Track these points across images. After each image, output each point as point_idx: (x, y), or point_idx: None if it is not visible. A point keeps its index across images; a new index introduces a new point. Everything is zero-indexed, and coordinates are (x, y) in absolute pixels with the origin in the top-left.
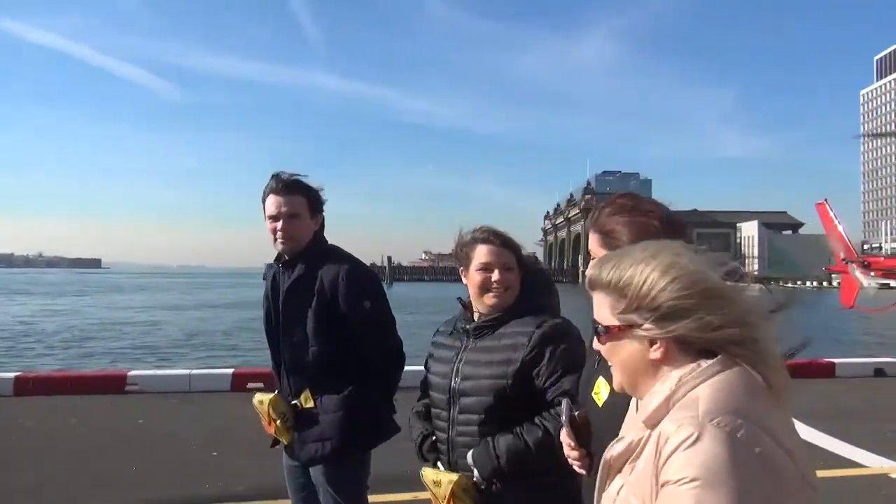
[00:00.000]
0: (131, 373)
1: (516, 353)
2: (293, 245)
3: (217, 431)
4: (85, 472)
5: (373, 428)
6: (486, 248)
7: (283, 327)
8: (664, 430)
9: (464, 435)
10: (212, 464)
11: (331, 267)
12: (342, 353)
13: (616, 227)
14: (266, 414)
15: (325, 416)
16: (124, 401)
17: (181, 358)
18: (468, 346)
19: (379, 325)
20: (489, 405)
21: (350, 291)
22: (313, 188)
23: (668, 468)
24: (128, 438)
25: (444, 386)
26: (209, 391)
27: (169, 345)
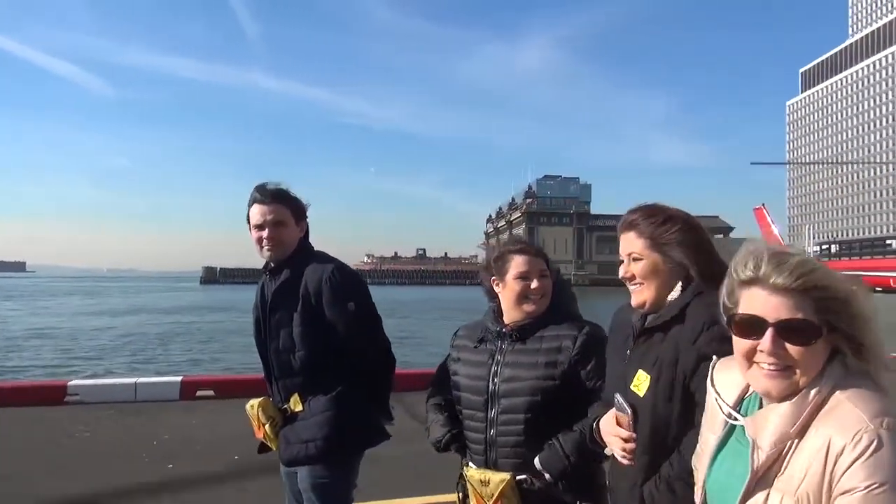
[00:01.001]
0: (71, 382)
1: (561, 355)
2: (279, 252)
3: (169, 442)
4: (28, 490)
5: (362, 430)
6: (522, 258)
7: (271, 333)
8: (835, 441)
9: (507, 434)
10: (168, 477)
11: (314, 270)
12: (329, 356)
13: (666, 231)
14: (256, 418)
15: (312, 418)
16: (65, 412)
17: (121, 366)
18: (505, 348)
19: (365, 327)
20: (536, 404)
21: (334, 294)
22: (296, 197)
23: (850, 477)
24: (74, 452)
25: (481, 388)
26: (157, 400)
27: (107, 352)
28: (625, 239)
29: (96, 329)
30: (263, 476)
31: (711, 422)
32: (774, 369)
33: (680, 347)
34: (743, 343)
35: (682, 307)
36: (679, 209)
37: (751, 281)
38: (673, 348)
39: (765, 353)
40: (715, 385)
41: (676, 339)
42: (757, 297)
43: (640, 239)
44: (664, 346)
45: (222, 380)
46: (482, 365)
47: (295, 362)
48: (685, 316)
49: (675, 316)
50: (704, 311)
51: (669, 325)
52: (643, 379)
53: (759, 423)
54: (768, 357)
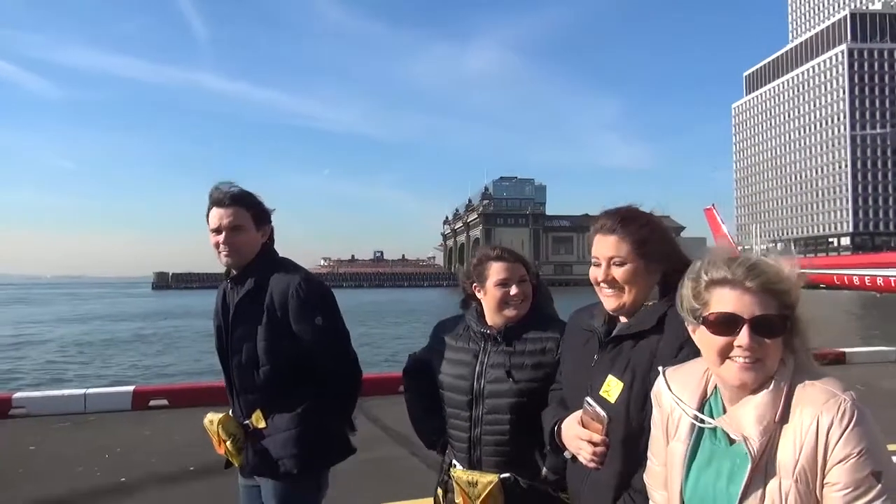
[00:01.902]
0: (17, 395)
1: (546, 357)
2: (237, 259)
3: (122, 455)
4: None
5: (327, 447)
6: (501, 265)
7: (234, 346)
8: (822, 419)
9: (492, 434)
10: (121, 491)
11: (280, 281)
12: (294, 372)
13: (649, 235)
14: (216, 434)
15: (277, 436)
16: (10, 426)
17: (70, 377)
18: (490, 349)
19: (332, 341)
20: (522, 406)
21: (301, 307)
22: (257, 199)
23: (844, 446)
24: (20, 467)
25: (465, 387)
26: (107, 411)
27: (55, 362)
28: (603, 242)
29: (42, 338)
30: (218, 488)
31: (672, 432)
32: (749, 362)
33: (658, 358)
34: (717, 340)
35: (659, 316)
36: (648, 213)
37: (722, 282)
38: (648, 357)
39: (743, 347)
40: (674, 395)
41: (652, 348)
42: (729, 296)
43: (625, 243)
44: (637, 353)
45: (176, 388)
46: (466, 365)
47: (258, 377)
48: (663, 326)
49: (653, 325)
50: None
51: (644, 332)
52: (614, 385)
53: (738, 420)
54: (745, 351)
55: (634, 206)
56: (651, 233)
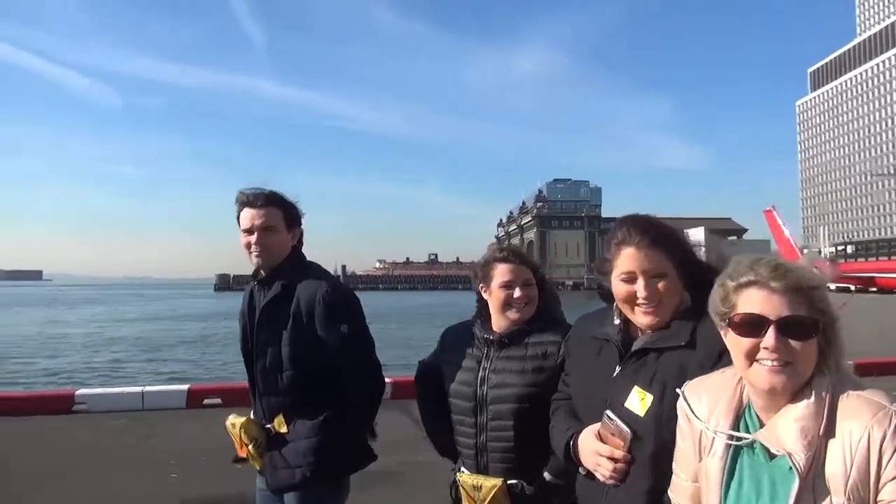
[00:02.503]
0: (79, 391)
1: (547, 361)
2: (269, 259)
3: (174, 453)
4: (35, 498)
5: (348, 456)
6: (506, 267)
7: (258, 349)
8: (874, 432)
9: (497, 440)
10: (171, 488)
11: (308, 287)
12: (318, 378)
13: (685, 246)
14: (238, 437)
15: (298, 443)
16: (72, 422)
17: (132, 374)
18: (492, 355)
19: (356, 350)
20: (524, 411)
21: (328, 314)
22: (289, 201)
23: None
24: (78, 462)
25: (468, 394)
26: (163, 409)
27: (119, 361)
28: (640, 256)
29: (108, 337)
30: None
31: (707, 447)
32: (778, 365)
33: (689, 371)
34: (744, 342)
35: (691, 331)
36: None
37: (749, 283)
38: (678, 370)
39: (769, 349)
40: (694, 411)
41: (681, 361)
42: (756, 297)
43: (666, 257)
44: (664, 366)
45: (229, 388)
46: (470, 371)
47: (282, 382)
48: (695, 339)
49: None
50: (719, 333)
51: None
52: (642, 398)
53: (778, 433)
54: (772, 353)
55: (651, 216)
56: (684, 244)
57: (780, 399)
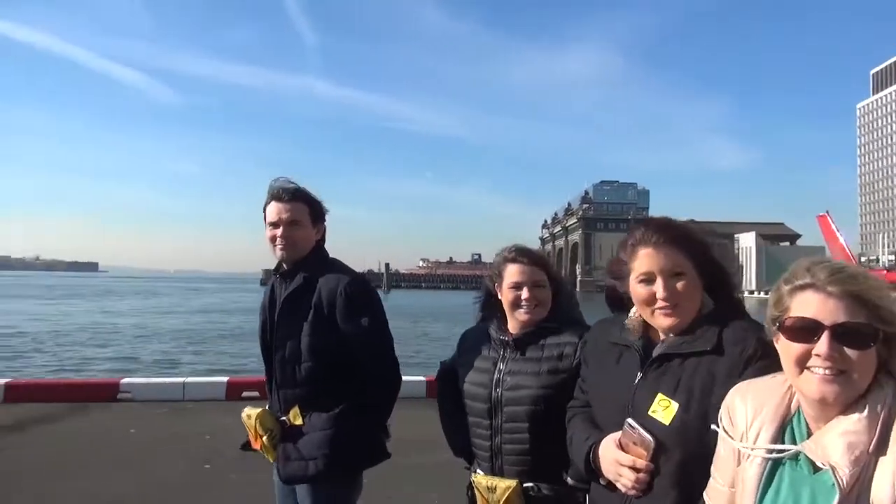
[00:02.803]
0: (124, 380)
1: (563, 362)
2: (293, 253)
3: (209, 443)
4: (71, 484)
5: (361, 450)
6: (515, 268)
7: (278, 340)
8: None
9: (512, 442)
10: (203, 477)
11: (330, 280)
12: (336, 370)
13: (703, 245)
14: (253, 429)
15: (312, 435)
16: (116, 409)
17: (176, 365)
18: (508, 356)
19: (375, 345)
20: (539, 413)
21: (348, 307)
22: (314, 197)
23: None
24: (118, 449)
25: (483, 395)
26: (203, 400)
27: (164, 351)
28: (657, 255)
29: (156, 328)
30: None
31: (745, 454)
32: (830, 374)
33: (718, 379)
34: (795, 347)
35: (717, 335)
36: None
37: (804, 286)
38: (705, 376)
39: (821, 356)
40: (738, 416)
41: (708, 367)
42: (812, 300)
43: (684, 255)
44: (689, 372)
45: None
46: (485, 372)
47: (299, 373)
48: (722, 342)
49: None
50: (747, 338)
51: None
52: (667, 406)
53: (825, 445)
54: (824, 361)
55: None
56: (702, 243)
57: (832, 410)
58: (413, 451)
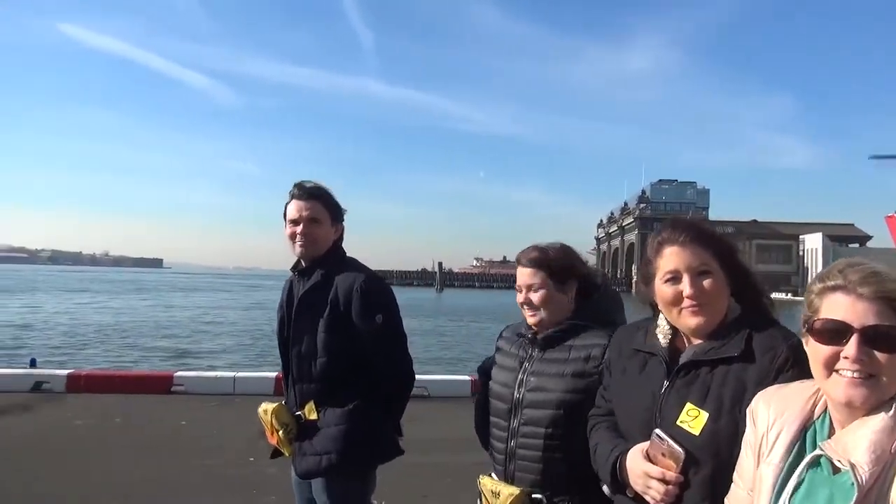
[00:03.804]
0: (177, 373)
1: (589, 365)
2: (312, 250)
3: (255, 437)
4: (120, 474)
5: (374, 446)
6: (518, 271)
7: (294, 336)
8: None
9: (526, 447)
10: (246, 470)
11: (347, 277)
12: (350, 367)
13: (731, 245)
14: (269, 424)
15: (326, 430)
16: (169, 401)
17: (229, 359)
18: (534, 356)
19: (389, 342)
20: (559, 418)
21: (363, 304)
22: (334, 197)
23: None
24: (168, 440)
25: (506, 395)
26: (252, 394)
27: (219, 345)
28: (683, 253)
29: (212, 322)
30: None
31: (766, 454)
32: (859, 377)
33: (748, 387)
34: (823, 350)
35: (745, 341)
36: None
37: (835, 288)
38: (736, 384)
39: (849, 359)
40: (760, 419)
41: (738, 374)
42: (841, 303)
43: (711, 253)
44: (718, 380)
45: None
46: (511, 371)
47: (315, 369)
48: (752, 349)
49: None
50: (777, 345)
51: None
52: (697, 415)
53: (846, 444)
54: (853, 364)
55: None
56: (729, 244)
57: (859, 413)
58: (454, 450)
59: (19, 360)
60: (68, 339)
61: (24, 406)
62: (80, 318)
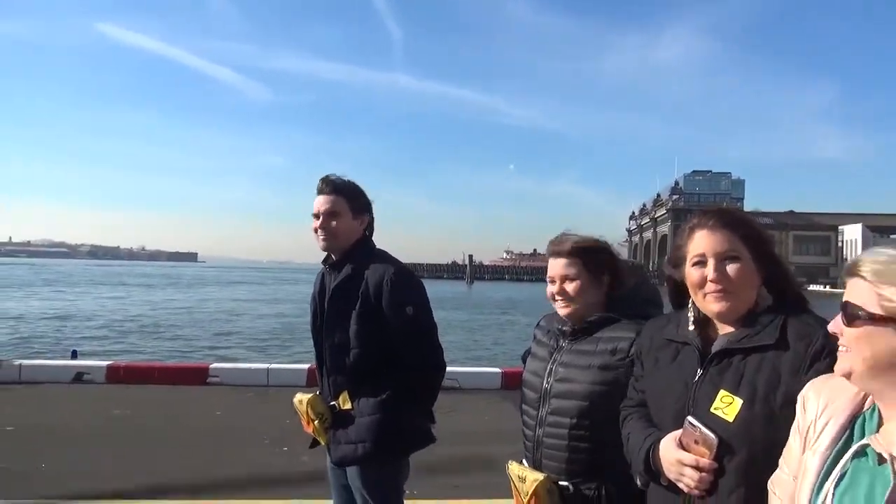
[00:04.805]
0: (213, 365)
1: (615, 356)
2: (333, 243)
3: (289, 427)
4: (157, 462)
5: (407, 435)
6: (550, 262)
7: (327, 328)
8: None
9: (552, 436)
10: (281, 460)
11: (377, 269)
12: (383, 358)
13: (762, 231)
14: (305, 414)
15: (360, 419)
16: (205, 392)
17: (262, 351)
18: (563, 347)
19: (418, 334)
20: (585, 409)
21: (393, 295)
22: (355, 189)
23: None
24: (204, 431)
25: (537, 384)
26: (285, 386)
27: (251, 338)
28: (712, 237)
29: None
30: None
31: (812, 441)
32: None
33: (783, 375)
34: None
35: (780, 329)
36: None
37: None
38: (770, 371)
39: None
40: (809, 407)
41: (773, 361)
42: (853, 286)
43: (740, 238)
44: (752, 367)
45: None
46: (542, 361)
47: (349, 360)
48: (786, 336)
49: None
50: (812, 332)
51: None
52: (731, 402)
53: (891, 436)
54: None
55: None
56: (762, 232)
57: (870, 388)
58: (484, 442)
59: (61, 352)
60: (108, 332)
61: (65, 396)
62: (118, 310)
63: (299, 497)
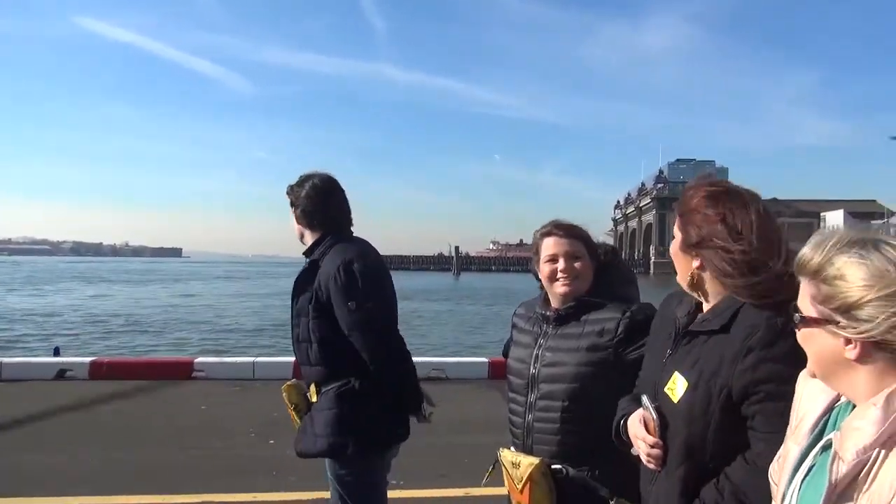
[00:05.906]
0: (198, 359)
1: (602, 338)
2: (299, 239)
3: (275, 421)
4: (143, 458)
5: (371, 430)
6: (550, 241)
7: (292, 322)
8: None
9: (542, 421)
10: (267, 453)
11: (329, 263)
12: (341, 352)
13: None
14: (286, 402)
15: (321, 412)
16: (190, 387)
17: (248, 345)
18: (549, 332)
19: (361, 329)
20: (575, 392)
21: (338, 290)
22: (295, 188)
23: None
24: (189, 425)
25: (523, 371)
26: (271, 379)
27: (237, 332)
28: (692, 219)
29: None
30: None
31: (793, 429)
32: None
33: (724, 359)
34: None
35: (734, 311)
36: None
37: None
38: (716, 357)
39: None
40: (797, 396)
41: (721, 347)
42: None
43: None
44: (706, 351)
45: None
46: (527, 347)
47: (311, 353)
48: (732, 325)
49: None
50: (757, 323)
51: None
52: (679, 383)
53: (846, 433)
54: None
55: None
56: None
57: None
58: (471, 431)
59: (43, 349)
60: (91, 328)
61: (48, 393)
62: (101, 306)
63: (286, 490)
